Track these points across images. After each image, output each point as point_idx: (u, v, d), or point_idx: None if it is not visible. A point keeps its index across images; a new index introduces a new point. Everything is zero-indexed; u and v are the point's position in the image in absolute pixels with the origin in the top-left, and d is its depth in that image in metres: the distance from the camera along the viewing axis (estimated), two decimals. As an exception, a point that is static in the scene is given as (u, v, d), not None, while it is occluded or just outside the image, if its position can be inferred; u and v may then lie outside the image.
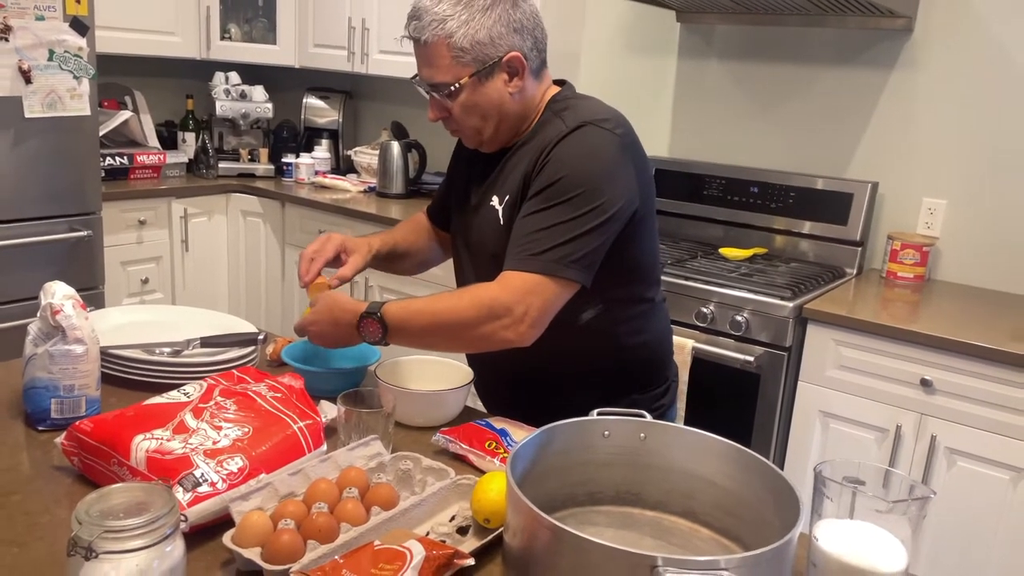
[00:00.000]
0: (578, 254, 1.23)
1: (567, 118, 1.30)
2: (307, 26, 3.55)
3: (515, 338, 1.23)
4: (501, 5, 1.26)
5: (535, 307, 1.22)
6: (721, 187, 2.80)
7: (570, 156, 1.26)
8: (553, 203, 1.24)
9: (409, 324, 1.27)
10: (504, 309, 1.22)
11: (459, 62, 1.26)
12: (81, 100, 2.74)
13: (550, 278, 1.22)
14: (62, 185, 2.78)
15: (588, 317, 1.35)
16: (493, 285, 1.25)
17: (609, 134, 1.28)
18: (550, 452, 1.03)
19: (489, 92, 1.29)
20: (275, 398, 1.14)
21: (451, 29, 1.24)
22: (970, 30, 2.43)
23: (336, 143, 3.83)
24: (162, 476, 0.96)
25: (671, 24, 2.96)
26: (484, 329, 1.23)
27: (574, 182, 1.24)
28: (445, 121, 1.36)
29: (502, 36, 1.26)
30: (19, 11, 2.54)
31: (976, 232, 2.49)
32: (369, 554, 0.87)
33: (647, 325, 1.44)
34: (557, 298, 1.24)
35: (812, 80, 2.72)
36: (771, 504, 0.94)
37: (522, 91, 1.32)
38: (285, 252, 3.46)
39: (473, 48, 1.25)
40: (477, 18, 1.24)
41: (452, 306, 1.25)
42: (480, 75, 1.28)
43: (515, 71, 1.29)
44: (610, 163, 1.26)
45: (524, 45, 1.29)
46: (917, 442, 2.07)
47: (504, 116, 1.33)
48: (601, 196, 1.24)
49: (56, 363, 1.17)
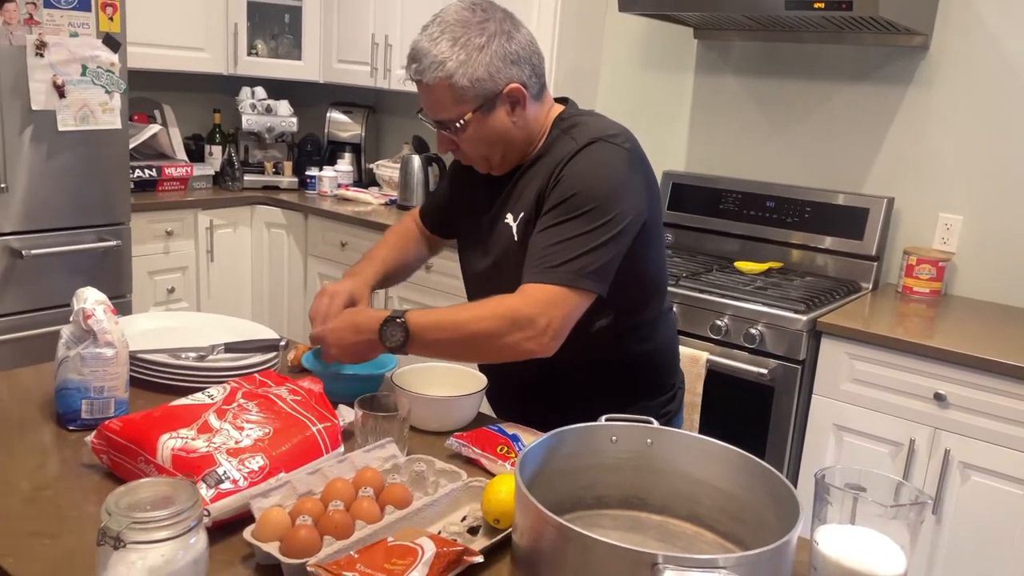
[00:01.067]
0: (595, 265, 1.26)
1: (577, 135, 1.34)
2: (331, 42, 3.62)
3: (537, 349, 1.26)
4: (496, 40, 1.29)
5: (557, 319, 1.25)
6: (737, 201, 2.83)
7: (583, 172, 1.30)
8: (568, 217, 1.28)
9: (431, 331, 1.29)
10: (527, 321, 1.24)
11: (461, 100, 1.30)
12: (112, 114, 2.82)
13: (570, 289, 1.25)
14: (93, 196, 2.86)
15: (599, 326, 1.38)
16: (514, 297, 1.27)
17: (619, 149, 1.32)
18: (559, 456, 1.06)
19: (494, 124, 1.33)
20: (295, 401, 1.18)
21: (451, 70, 1.27)
22: (985, 48, 2.45)
23: (359, 157, 3.89)
24: (187, 473, 1.00)
25: (688, 41, 3.00)
26: (507, 340, 1.25)
27: (588, 196, 1.27)
28: (454, 152, 1.40)
29: (500, 70, 1.29)
30: (54, 28, 2.63)
31: (992, 248, 2.50)
32: (382, 550, 0.91)
33: (655, 333, 1.47)
34: (576, 309, 1.28)
35: (828, 96, 2.75)
36: (772, 507, 0.97)
37: (525, 117, 1.35)
38: (308, 263, 3.52)
39: (474, 86, 1.28)
40: (475, 57, 1.27)
41: (475, 316, 1.28)
42: (483, 109, 1.31)
43: (516, 101, 1.33)
44: (621, 177, 1.30)
45: (523, 75, 1.32)
46: (931, 456, 2.07)
47: (510, 143, 1.37)
48: (614, 209, 1.27)
49: (87, 365, 1.23)
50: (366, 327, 1.32)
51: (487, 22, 1.29)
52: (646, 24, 3.05)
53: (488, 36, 1.28)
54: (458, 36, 1.27)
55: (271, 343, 1.53)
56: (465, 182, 1.53)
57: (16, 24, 2.55)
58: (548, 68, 2.96)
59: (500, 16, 1.31)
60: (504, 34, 1.30)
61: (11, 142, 2.62)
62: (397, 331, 1.29)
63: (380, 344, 1.31)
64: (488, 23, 1.29)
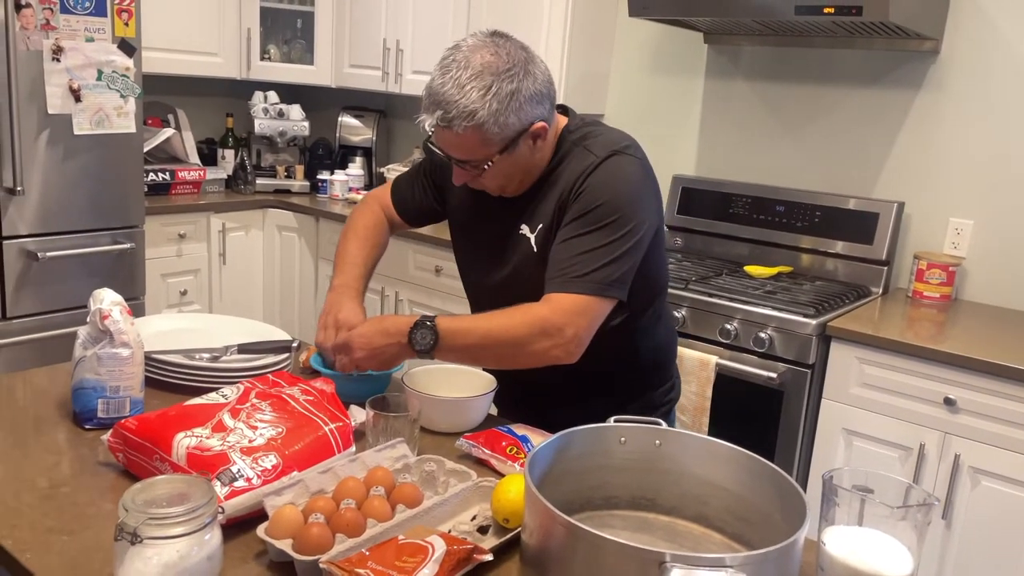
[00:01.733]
0: (618, 274, 1.31)
1: (593, 147, 1.36)
2: (343, 47, 3.65)
3: (564, 356, 1.30)
4: (524, 83, 1.28)
5: (583, 327, 1.29)
6: (747, 205, 2.83)
7: (606, 184, 1.33)
8: (593, 228, 1.31)
9: (460, 336, 1.31)
10: (556, 329, 1.28)
11: (488, 143, 1.29)
12: (127, 118, 2.86)
13: (596, 298, 1.30)
14: (107, 199, 2.89)
15: (611, 326, 1.40)
16: (541, 306, 1.30)
17: (634, 160, 1.36)
18: (568, 456, 1.07)
19: (516, 159, 1.34)
20: (308, 401, 1.20)
21: (481, 119, 1.25)
22: (996, 52, 2.45)
23: (370, 160, 3.92)
24: (201, 471, 1.02)
25: (699, 45, 3.01)
26: (536, 347, 1.29)
27: (611, 208, 1.31)
28: (469, 183, 1.40)
29: (527, 113, 1.29)
30: (70, 33, 2.66)
31: (1003, 252, 2.49)
32: (393, 547, 0.92)
33: (658, 329, 1.54)
34: (600, 317, 1.32)
35: (839, 101, 2.75)
36: (779, 508, 0.98)
37: (543, 147, 1.37)
38: (319, 266, 3.54)
39: (503, 130, 1.28)
40: (506, 104, 1.26)
41: (505, 324, 1.30)
42: (508, 149, 1.31)
43: (539, 135, 1.34)
44: (639, 188, 1.35)
45: (544, 111, 1.33)
46: (941, 461, 2.07)
47: (528, 171, 1.39)
48: (634, 219, 1.32)
49: (103, 365, 1.24)
50: (395, 330, 1.32)
51: (513, 68, 1.27)
52: (656, 29, 3.07)
53: (517, 82, 1.27)
54: (488, 85, 1.25)
55: (283, 344, 1.55)
56: (466, 191, 1.50)
57: (33, 29, 2.59)
58: (558, 74, 2.99)
59: (522, 56, 1.29)
60: (528, 75, 1.29)
61: (27, 145, 2.65)
62: (428, 335, 1.30)
63: (409, 348, 1.31)
64: (514, 68, 1.27)
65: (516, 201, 1.43)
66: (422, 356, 1.33)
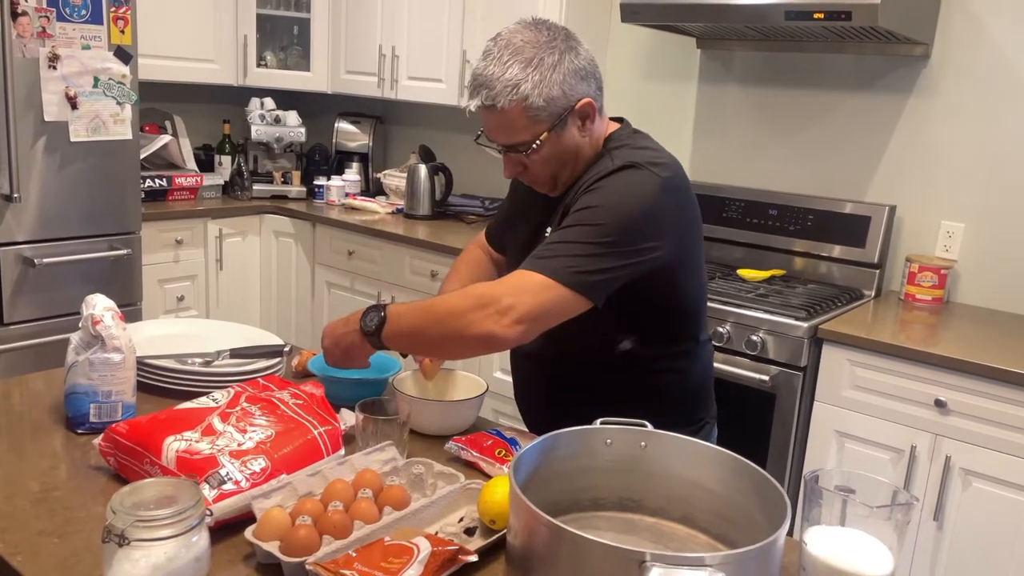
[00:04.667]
0: (584, 269, 1.23)
1: (616, 156, 1.32)
2: (339, 53, 3.67)
3: (497, 330, 1.20)
4: (567, 57, 1.27)
5: (525, 304, 1.20)
6: (740, 209, 2.85)
7: (609, 192, 1.27)
8: (578, 224, 1.26)
9: (405, 315, 1.28)
10: (491, 299, 1.21)
11: (536, 120, 1.28)
12: (124, 125, 2.87)
13: (551, 280, 1.21)
14: (104, 206, 2.91)
15: (623, 349, 1.37)
16: (490, 282, 1.26)
17: (653, 176, 1.28)
18: (554, 458, 1.08)
19: (566, 141, 1.32)
20: (297, 405, 1.21)
21: (525, 92, 1.25)
22: (986, 57, 2.47)
23: (366, 166, 3.93)
24: (190, 474, 1.03)
25: (692, 51, 3.02)
26: (468, 318, 1.21)
27: (604, 213, 1.25)
28: (520, 175, 1.37)
29: (572, 87, 1.28)
30: (67, 40, 2.68)
31: (994, 255, 2.51)
32: (379, 549, 0.93)
33: (686, 365, 1.44)
34: (554, 304, 1.23)
35: (831, 105, 2.76)
36: (761, 508, 0.99)
37: (593, 132, 1.35)
38: (315, 271, 3.56)
39: (548, 105, 1.27)
40: (548, 76, 1.25)
41: (446, 298, 1.27)
42: (557, 128, 1.29)
43: (587, 115, 1.32)
44: (646, 206, 1.26)
45: (590, 89, 1.31)
46: (932, 463, 2.08)
47: (579, 159, 1.35)
48: (626, 233, 1.24)
49: (95, 370, 1.26)
50: (354, 318, 1.32)
51: (554, 40, 1.27)
52: (649, 34, 3.08)
53: (559, 54, 1.27)
54: (530, 57, 1.25)
55: (276, 349, 1.56)
56: (525, 194, 1.49)
57: (30, 37, 2.61)
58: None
59: (563, 33, 1.30)
60: (571, 50, 1.29)
61: (24, 153, 2.67)
62: (375, 317, 1.28)
63: (360, 332, 1.29)
64: (556, 41, 1.27)
65: (547, 203, 1.40)
66: (371, 341, 1.29)
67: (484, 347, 1.25)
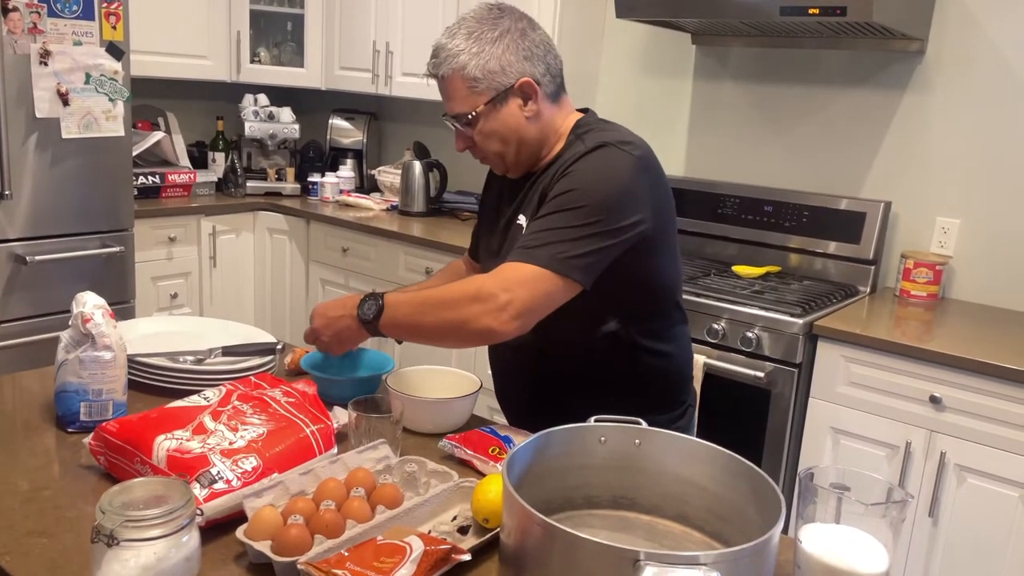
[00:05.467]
0: (573, 253, 1.24)
1: (588, 139, 1.36)
2: (333, 50, 3.65)
3: (496, 326, 1.22)
4: (509, 35, 1.34)
5: (521, 299, 1.22)
6: (736, 206, 2.84)
7: (585, 172, 1.30)
8: (559, 210, 1.28)
9: (403, 305, 1.31)
10: (488, 294, 1.23)
11: (474, 91, 1.34)
12: (116, 121, 2.86)
13: (542, 270, 1.24)
14: (96, 203, 2.89)
15: (606, 332, 1.38)
16: (484, 275, 1.28)
17: (627, 155, 1.31)
18: (548, 456, 1.07)
19: (505, 118, 1.36)
20: (289, 403, 1.20)
21: (464, 62, 1.33)
22: (982, 52, 2.46)
23: (360, 163, 3.92)
24: (181, 473, 1.02)
25: (687, 46, 3.01)
26: (466, 311, 1.24)
27: (584, 195, 1.28)
28: (472, 151, 1.43)
29: (512, 64, 1.34)
30: (58, 36, 2.66)
31: (990, 251, 2.50)
32: (372, 548, 0.93)
33: (667, 346, 1.46)
34: (548, 295, 1.25)
35: (826, 101, 2.76)
36: (756, 506, 0.98)
37: (538, 115, 1.38)
38: (310, 268, 3.54)
39: (486, 77, 1.33)
40: (487, 49, 1.33)
41: (442, 291, 1.30)
42: (495, 102, 1.35)
43: (528, 95, 1.36)
44: (624, 182, 1.30)
45: (535, 71, 1.36)
46: (927, 459, 2.08)
47: (523, 140, 1.39)
48: (608, 211, 1.27)
49: (86, 368, 1.25)
50: (350, 303, 1.36)
51: (502, 19, 1.35)
52: (644, 30, 3.07)
53: (502, 31, 1.34)
54: (473, 30, 1.34)
55: (268, 347, 1.55)
56: (491, 191, 1.56)
57: (20, 33, 2.59)
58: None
59: (517, 15, 1.37)
60: (519, 31, 1.35)
61: (15, 150, 2.65)
62: (373, 305, 1.32)
63: (357, 319, 1.33)
64: (503, 20, 1.35)
65: (518, 192, 1.44)
66: (368, 329, 1.33)
67: (482, 341, 1.28)
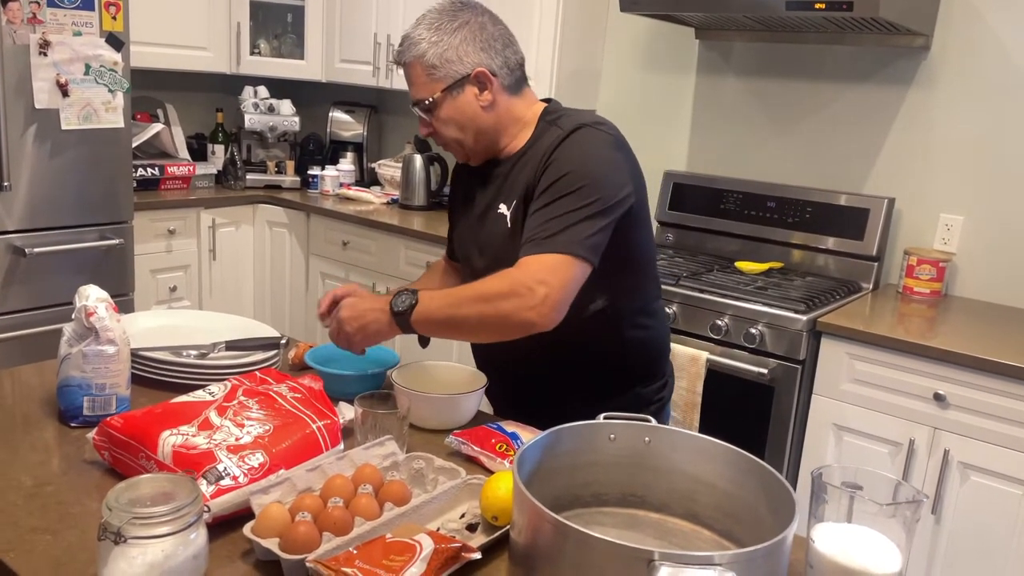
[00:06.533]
0: (585, 234, 1.30)
1: (563, 123, 1.41)
2: (334, 42, 3.63)
3: (537, 319, 1.26)
4: (468, 27, 1.41)
5: (555, 288, 1.26)
6: (738, 201, 2.83)
7: (572, 154, 1.36)
8: (561, 195, 1.33)
9: (437, 299, 1.33)
10: (525, 289, 1.26)
11: (432, 78, 1.41)
12: (115, 113, 2.83)
13: (567, 257, 1.28)
14: (95, 195, 2.87)
15: (594, 310, 1.43)
16: (513, 269, 1.30)
17: (603, 134, 1.39)
18: (557, 453, 1.06)
19: (461, 105, 1.42)
20: (295, 398, 1.19)
21: (423, 50, 1.40)
22: (987, 48, 2.45)
23: (361, 156, 3.90)
24: (187, 469, 1.01)
25: (690, 41, 3.00)
26: (505, 306, 1.26)
27: (577, 176, 1.33)
28: (432, 136, 1.49)
29: (468, 54, 1.40)
30: (57, 27, 2.64)
31: (993, 248, 2.50)
32: (381, 546, 0.92)
33: (648, 320, 1.52)
34: (574, 280, 1.30)
35: (830, 97, 2.75)
36: (768, 505, 0.98)
37: (493, 104, 1.43)
38: (309, 262, 3.53)
39: (443, 65, 1.40)
40: (445, 39, 1.40)
41: (477, 287, 1.32)
42: (451, 89, 1.41)
43: (484, 85, 1.42)
44: (607, 159, 1.37)
45: (492, 63, 1.42)
46: (930, 456, 2.07)
47: (479, 128, 1.44)
48: (602, 188, 1.33)
49: (89, 362, 1.23)
50: (383, 299, 1.38)
51: (463, 12, 1.42)
52: (647, 24, 3.06)
53: (461, 23, 1.41)
54: (434, 21, 1.41)
55: (272, 341, 1.54)
56: (458, 187, 1.60)
57: (20, 23, 2.56)
58: (550, 70, 2.98)
59: (480, 11, 1.44)
60: (478, 24, 1.42)
61: (14, 141, 2.63)
62: (408, 298, 1.33)
63: (390, 313, 1.33)
64: (463, 12, 1.42)
65: (495, 181, 1.49)
66: (399, 322, 1.32)
67: (522, 334, 1.30)
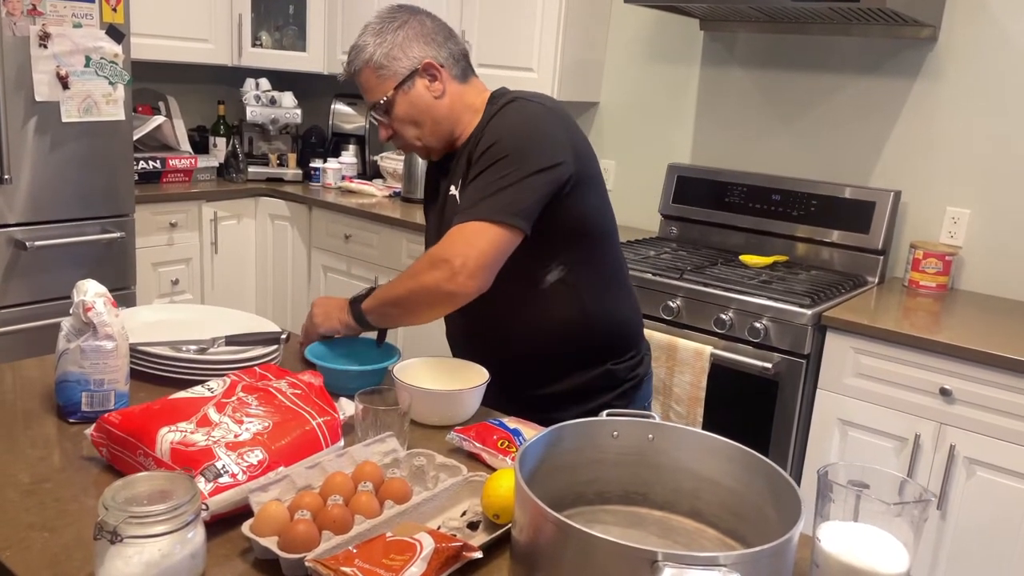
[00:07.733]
0: (507, 200, 1.33)
1: (499, 102, 1.46)
2: (336, 34, 3.61)
3: (456, 289, 1.33)
4: (408, 26, 1.46)
5: (472, 257, 1.31)
6: (743, 194, 2.81)
7: (500, 126, 1.40)
8: (487, 166, 1.37)
9: (382, 287, 1.44)
10: (441, 260, 1.33)
11: (382, 78, 1.46)
12: (116, 105, 2.82)
13: (485, 223, 1.32)
14: (96, 188, 2.86)
15: (552, 279, 1.45)
16: (439, 243, 1.37)
17: (536, 105, 1.42)
18: (559, 451, 1.05)
19: (414, 99, 1.47)
20: (295, 395, 1.18)
21: (370, 53, 1.46)
22: (994, 40, 2.43)
23: (363, 149, 3.89)
24: (185, 467, 1.00)
25: (694, 33, 2.98)
26: (427, 278, 1.35)
27: (503, 145, 1.37)
28: (393, 140, 1.53)
29: (413, 49, 1.46)
30: (57, 19, 2.62)
31: (1000, 242, 2.48)
32: (381, 545, 0.90)
33: (611, 294, 1.54)
34: (495, 246, 1.33)
35: (835, 88, 2.72)
36: (773, 504, 0.96)
37: (445, 93, 1.48)
38: (312, 255, 3.52)
39: (390, 63, 1.45)
40: (388, 39, 1.45)
41: (408, 268, 1.41)
42: (402, 85, 1.46)
43: (433, 76, 1.47)
44: (538, 128, 1.40)
45: (438, 54, 1.47)
46: (936, 452, 2.06)
47: (435, 119, 1.48)
48: (529, 155, 1.36)
49: (87, 358, 1.22)
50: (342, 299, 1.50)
51: (401, 13, 1.47)
52: (652, 16, 3.03)
53: (400, 23, 1.46)
54: (375, 26, 1.47)
55: (272, 336, 1.53)
56: (430, 180, 1.63)
57: (19, 15, 2.55)
58: (553, 63, 2.96)
59: (417, 11, 1.49)
60: (418, 22, 1.47)
61: (15, 134, 2.62)
62: (366, 289, 1.48)
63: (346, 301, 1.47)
64: (401, 14, 1.47)
65: (445, 166, 1.53)
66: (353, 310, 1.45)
67: (450, 305, 1.38)
